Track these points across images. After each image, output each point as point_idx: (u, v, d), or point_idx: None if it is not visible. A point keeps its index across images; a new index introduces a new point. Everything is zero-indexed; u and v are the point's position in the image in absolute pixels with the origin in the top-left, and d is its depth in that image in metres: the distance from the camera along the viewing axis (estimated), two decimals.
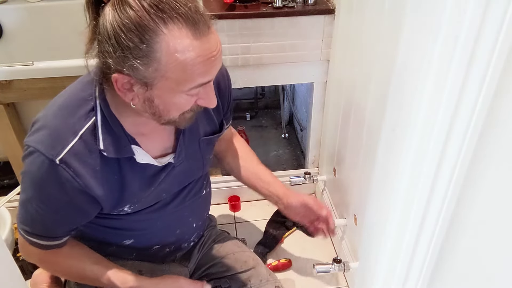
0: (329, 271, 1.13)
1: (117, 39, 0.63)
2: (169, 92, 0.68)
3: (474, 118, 0.64)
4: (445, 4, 0.57)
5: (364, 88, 1.06)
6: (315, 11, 1.26)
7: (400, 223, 0.81)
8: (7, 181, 1.67)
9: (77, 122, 0.74)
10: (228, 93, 0.94)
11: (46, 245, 0.84)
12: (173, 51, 0.63)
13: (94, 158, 0.75)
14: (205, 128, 0.92)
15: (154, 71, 0.64)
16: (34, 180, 0.76)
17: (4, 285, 0.64)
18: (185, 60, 0.64)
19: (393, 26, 0.84)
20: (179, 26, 0.62)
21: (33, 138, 0.74)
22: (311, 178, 1.51)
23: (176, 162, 0.86)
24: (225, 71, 0.93)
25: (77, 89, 0.77)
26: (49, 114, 0.76)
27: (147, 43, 0.62)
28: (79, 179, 0.74)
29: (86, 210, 0.81)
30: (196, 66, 0.65)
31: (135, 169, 0.81)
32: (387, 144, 0.83)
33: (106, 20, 0.64)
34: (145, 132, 0.80)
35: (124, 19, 0.62)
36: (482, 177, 0.68)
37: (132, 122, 0.78)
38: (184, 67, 0.64)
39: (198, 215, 1.04)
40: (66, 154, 0.73)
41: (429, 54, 0.62)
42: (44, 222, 0.81)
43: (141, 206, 0.88)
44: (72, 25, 1.72)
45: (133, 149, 0.78)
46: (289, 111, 2.14)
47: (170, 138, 0.86)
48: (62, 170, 0.73)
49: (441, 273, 0.84)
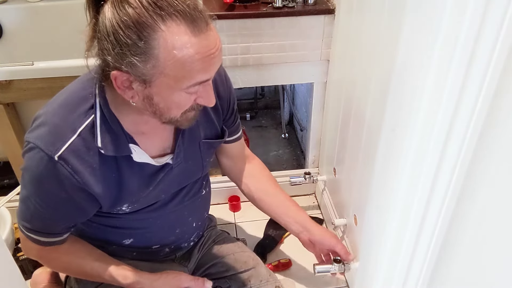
0: (329, 271, 1.13)
1: (115, 36, 0.63)
2: (168, 89, 0.68)
3: (474, 118, 0.64)
4: (445, 4, 0.57)
5: (364, 88, 1.05)
6: (315, 11, 1.26)
7: (400, 223, 0.81)
8: (7, 181, 1.67)
9: (76, 120, 0.75)
10: (228, 98, 0.94)
11: (46, 242, 0.84)
12: (171, 48, 0.63)
13: (92, 155, 0.75)
14: (206, 130, 0.92)
15: (152, 68, 0.64)
16: (33, 176, 0.76)
17: (4, 285, 0.63)
18: (183, 57, 0.64)
19: (393, 26, 0.84)
20: (177, 23, 0.63)
21: (33, 135, 0.75)
22: (311, 178, 1.51)
23: (174, 163, 0.86)
24: (224, 76, 0.93)
25: (78, 87, 0.78)
26: (50, 111, 0.76)
27: (145, 40, 0.62)
28: (77, 176, 0.75)
29: (84, 207, 0.81)
30: (195, 63, 0.65)
31: (133, 168, 0.81)
32: (387, 144, 0.83)
33: (105, 17, 0.64)
34: (144, 131, 0.80)
35: (123, 16, 0.62)
36: (482, 177, 0.68)
37: (132, 121, 0.78)
38: (183, 64, 0.64)
39: (198, 214, 1.03)
40: (65, 151, 0.73)
41: (429, 54, 0.62)
42: (43, 218, 0.82)
43: (140, 205, 0.88)
44: (72, 25, 1.72)
45: (130, 148, 0.78)
46: (289, 111, 2.14)
47: (169, 139, 0.86)
48: (60, 166, 0.73)
49: (441, 273, 0.84)
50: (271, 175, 1.15)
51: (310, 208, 1.64)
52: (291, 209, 1.10)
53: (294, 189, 1.65)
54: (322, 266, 1.12)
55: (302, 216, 1.09)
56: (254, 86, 2.13)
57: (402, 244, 0.83)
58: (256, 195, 1.10)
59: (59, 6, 1.70)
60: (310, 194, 1.71)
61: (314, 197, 1.70)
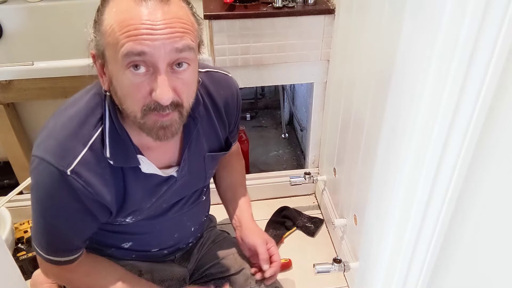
0: (329, 271, 1.13)
1: (94, 24, 0.67)
2: (114, 63, 0.65)
3: (474, 118, 0.64)
4: (445, 4, 0.57)
5: (364, 88, 1.06)
6: (315, 11, 1.26)
7: (400, 223, 0.81)
8: (7, 181, 1.67)
9: (86, 132, 0.73)
10: (236, 114, 0.94)
11: (64, 261, 0.83)
12: (113, 13, 0.64)
13: (103, 167, 0.75)
14: (211, 144, 0.91)
15: (102, 36, 0.66)
16: (44, 192, 0.74)
17: (4, 285, 0.63)
18: (118, 21, 0.63)
19: (393, 26, 0.84)
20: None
21: (41, 149, 0.73)
22: (311, 178, 1.51)
23: (178, 176, 0.85)
24: (236, 93, 0.92)
25: (87, 98, 0.77)
26: (58, 124, 0.74)
27: (101, 12, 0.66)
28: (90, 188, 0.74)
29: (97, 216, 0.80)
30: (127, 28, 0.62)
31: (139, 179, 0.80)
32: (387, 144, 0.83)
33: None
34: (149, 145, 0.79)
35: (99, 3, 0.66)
36: (482, 177, 0.68)
37: (136, 133, 0.77)
38: (117, 28, 0.63)
39: (197, 219, 1.04)
40: (77, 164, 0.72)
41: (429, 54, 0.62)
42: (58, 235, 0.80)
43: (142, 216, 0.88)
44: (72, 25, 1.73)
45: (139, 159, 0.77)
46: (289, 111, 2.14)
47: (175, 152, 0.85)
48: (73, 180, 0.72)
49: (441, 273, 0.84)
50: (241, 163, 1.13)
51: (310, 208, 1.64)
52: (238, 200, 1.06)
53: (294, 189, 1.65)
54: (322, 266, 1.12)
55: (244, 211, 1.04)
56: (254, 86, 2.13)
57: (402, 244, 0.83)
58: (217, 181, 1.10)
59: (59, 6, 1.70)
60: (310, 194, 1.71)
61: (314, 197, 1.70)
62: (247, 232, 1.00)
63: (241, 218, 1.03)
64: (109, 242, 0.94)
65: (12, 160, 1.46)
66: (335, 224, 1.34)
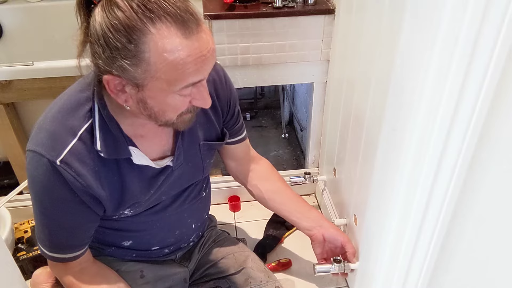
0: (329, 271, 1.13)
1: (105, 39, 0.63)
2: (161, 92, 0.67)
3: (474, 118, 0.64)
4: (445, 4, 0.57)
5: (364, 88, 1.05)
6: (315, 11, 1.26)
7: (400, 223, 0.81)
8: (7, 181, 1.67)
9: (76, 123, 0.74)
10: (228, 99, 0.93)
11: (69, 258, 0.84)
12: (161, 51, 0.62)
13: (92, 158, 0.75)
14: (205, 132, 0.91)
15: (144, 72, 0.64)
16: (41, 185, 0.75)
17: (4, 285, 0.64)
18: (174, 60, 0.63)
19: (393, 26, 0.84)
20: (168, 25, 0.62)
21: (33, 142, 0.74)
22: (311, 178, 1.51)
23: (174, 165, 0.86)
24: (224, 77, 0.92)
25: (76, 91, 0.77)
26: (48, 117, 0.76)
27: (135, 43, 0.62)
28: (81, 179, 0.74)
29: (93, 210, 0.81)
30: (187, 65, 0.64)
31: (134, 171, 0.81)
32: (387, 144, 0.83)
33: (95, 21, 0.63)
34: (143, 134, 0.80)
35: (113, 19, 0.61)
36: (482, 177, 0.68)
37: (129, 124, 0.77)
38: (174, 67, 0.64)
39: (198, 216, 1.03)
40: (66, 154, 0.73)
41: (429, 54, 0.62)
42: (60, 229, 0.81)
43: (142, 208, 0.88)
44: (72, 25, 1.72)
45: (130, 150, 0.78)
46: (289, 111, 2.14)
47: (168, 141, 0.86)
48: (63, 171, 0.73)
49: (441, 273, 0.84)
50: (279, 175, 1.16)
51: None
52: (302, 206, 1.11)
53: (294, 189, 1.64)
54: (322, 266, 1.12)
55: (314, 212, 1.11)
56: (254, 86, 2.13)
57: (402, 244, 0.83)
58: (266, 195, 1.11)
59: (59, 6, 1.70)
60: (310, 194, 1.71)
61: (314, 197, 1.70)
62: (332, 230, 1.09)
63: (317, 218, 1.10)
64: (109, 241, 0.94)
65: (12, 160, 1.46)
66: (335, 224, 1.34)
